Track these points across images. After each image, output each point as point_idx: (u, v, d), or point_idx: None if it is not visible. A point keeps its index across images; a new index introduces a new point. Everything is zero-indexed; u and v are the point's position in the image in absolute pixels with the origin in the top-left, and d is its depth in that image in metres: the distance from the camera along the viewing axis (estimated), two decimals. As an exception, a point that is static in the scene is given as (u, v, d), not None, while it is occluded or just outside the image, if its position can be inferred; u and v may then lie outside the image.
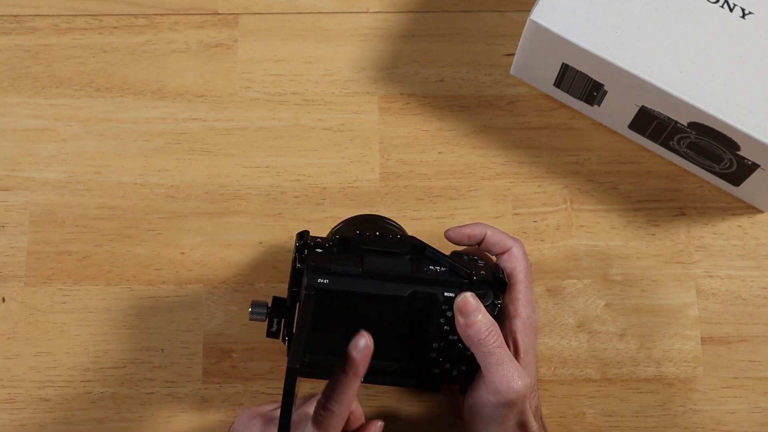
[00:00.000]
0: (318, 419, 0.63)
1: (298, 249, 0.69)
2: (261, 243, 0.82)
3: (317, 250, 0.69)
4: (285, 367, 0.79)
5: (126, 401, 0.79)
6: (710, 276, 0.82)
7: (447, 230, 0.74)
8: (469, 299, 0.67)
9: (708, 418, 0.79)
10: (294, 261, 0.69)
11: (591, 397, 0.80)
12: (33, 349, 0.80)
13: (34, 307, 0.81)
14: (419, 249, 0.70)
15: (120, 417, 0.79)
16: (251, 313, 0.72)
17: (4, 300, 0.81)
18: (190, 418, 0.79)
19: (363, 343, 0.63)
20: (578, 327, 0.81)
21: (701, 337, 0.81)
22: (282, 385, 0.79)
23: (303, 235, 0.69)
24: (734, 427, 0.79)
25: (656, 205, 0.83)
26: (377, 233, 0.71)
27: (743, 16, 0.77)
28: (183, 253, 0.82)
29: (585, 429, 0.79)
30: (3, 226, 0.82)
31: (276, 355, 0.80)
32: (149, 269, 0.82)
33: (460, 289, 0.68)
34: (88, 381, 0.79)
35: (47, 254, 0.82)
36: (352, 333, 0.66)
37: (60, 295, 0.81)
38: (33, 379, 0.79)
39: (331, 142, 0.84)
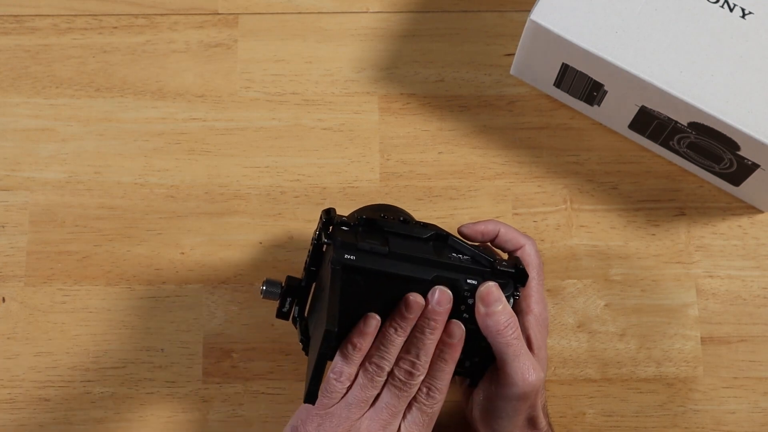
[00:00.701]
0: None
1: (324, 225, 0.68)
2: (261, 243, 0.82)
3: (343, 228, 0.68)
4: (285, 367, 0.79)
5: (126, 401, 0.79)
6: (710, 276, 0.82)
7: (460, 226, 0.74)
8: (492, 288, 0.67)
9: (708, 418, 0.79)
10: (317, 238, 0.69)
11: (591, 397, 0.80)
12: (33, 349, 0.80)
13: (34, 307, 0.81)
14: (442, 237, 0.70)
15: (120, 417, 0.79)
16: (264, 291, 0.70)
17: (4, 300, 0.81)
18: (190, 418, 0.79)
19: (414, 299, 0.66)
20: (578, 327, 0.81)
21: (701, 337, 0.81)
22: (281, 385, 0.79)
23: (330, 212, 0.68)
24: (734, 427, 0.79)
25: (656, 205, 0.83)
26: (401, 218, 0.71)
27: (743, 16, 0.77)
28: (183, 253, 0.82)
29: (585, 429, 0.79)
30: (3, 226, 0.82)
31: (276, 355, 0.80)
32: (149, 269, 0.82)
33: (483, 278, 0.68)
34: (88, 381, 0.79)
35: (47, 254, 0.82)
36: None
37: (60, 295, 0.81)
38: (33, 379, 0.79)
39: (331, 142, 0.84)
